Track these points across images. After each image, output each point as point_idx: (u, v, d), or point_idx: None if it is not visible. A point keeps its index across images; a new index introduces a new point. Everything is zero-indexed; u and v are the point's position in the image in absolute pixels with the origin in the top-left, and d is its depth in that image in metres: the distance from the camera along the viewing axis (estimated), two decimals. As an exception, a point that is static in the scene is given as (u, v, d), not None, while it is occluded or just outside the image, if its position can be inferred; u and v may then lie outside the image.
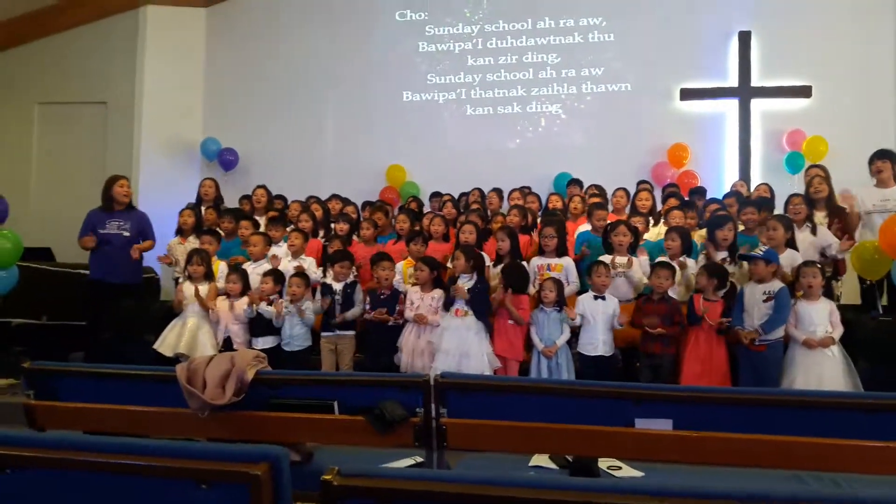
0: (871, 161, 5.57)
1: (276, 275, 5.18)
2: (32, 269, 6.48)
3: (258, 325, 5.09)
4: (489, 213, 6.86)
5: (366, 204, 7.51)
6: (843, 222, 5.42)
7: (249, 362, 2.67)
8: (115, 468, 1.49)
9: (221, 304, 5.17)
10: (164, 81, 8.90)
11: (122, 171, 7.14)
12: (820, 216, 5.45)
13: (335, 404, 2.61)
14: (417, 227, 6.16)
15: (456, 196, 7.62)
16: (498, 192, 7.42)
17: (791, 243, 4.96)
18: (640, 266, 5.13)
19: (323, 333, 5.13)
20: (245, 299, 5.12)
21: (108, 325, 5.80)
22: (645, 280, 5.00)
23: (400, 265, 5.51)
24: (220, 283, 5.33)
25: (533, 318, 4.81)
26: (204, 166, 9.07)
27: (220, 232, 6.13)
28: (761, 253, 4.52)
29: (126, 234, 5.84)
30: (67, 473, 1.51)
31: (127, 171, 8.43)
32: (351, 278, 5.26)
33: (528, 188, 7.51)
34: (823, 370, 4.35)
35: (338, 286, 5.16)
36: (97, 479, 1.52)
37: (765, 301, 4.46)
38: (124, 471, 1.49)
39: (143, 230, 5.99)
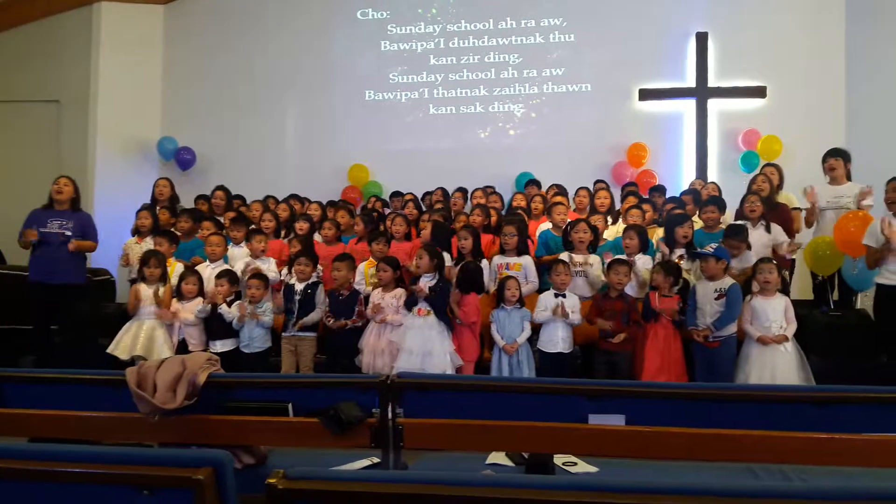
0: (824, 159, 5.72)
1: (230, 276, 5.11)
2: (-19, 271, 6.29)
3: (215, 328, 5.01)
4: (452, 212, 6.86)
5: (329, 204, 7.46)
6: (781, 220, 5.54)
7: (202, 365, 2.62)
8: (54, 476, 1.45)
9: (173, 306, 5.08)
10: (119, 79, 8.71)
11: (76, 171, 6.98)
12: None
13: (290, 406, 2.58)
14: (382, 228, 6.14)
15: (420, 195, 7.62)
16: (462, 191, 7.44)
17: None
18: (599, 264, 5.19)
19: (283, 334, 5.07)
20: (197, 301, 5.03)
21: (60, 329, 5.64)
22: (602, 278, 5.06)
23: (361, 266, 5.48)
24: (175, 284, 5.24)
25: (493, 317, 4.84)
26: (161, 166, 8.91)
27: (177, 232, 6.02)
28: (711, 251, 4.60)
29: (68, 233, 5.63)
30: (3, 483, 1.46)
31: (82, 170, 8.26)
32: (314, 278, 5.21)
33: (492, 188, 7.54)
34: (777, 365, 4.45)
35: (299, 286, 5.10)
36: (35, 488, 1.47)
37: (716, 298, 4.56)
38: (63, 479, 1.45)
39: (86, 231, 5.78)
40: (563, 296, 4.81)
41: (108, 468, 1.44)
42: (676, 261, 4.96)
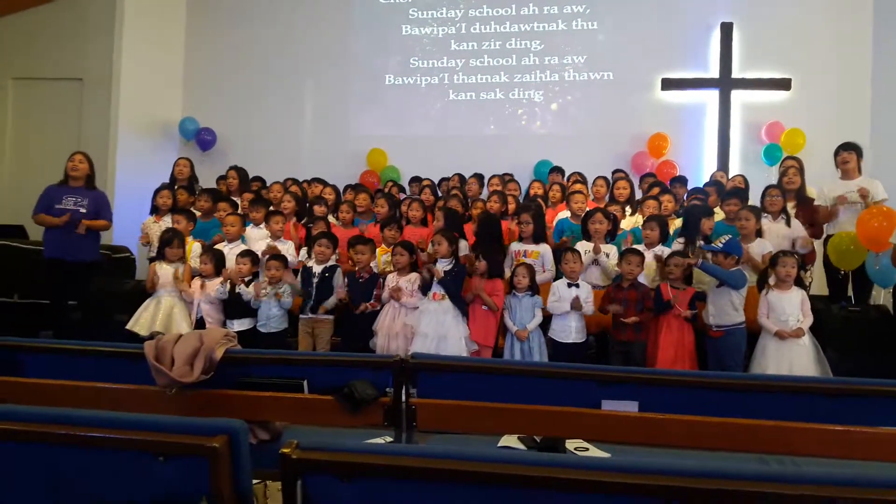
0: (837, 153, 5.65)
1: (252, 256, 5.14)
2: (4, 246, 6.38)
3: (233, 307, 5.05)
4: (469, 198, 6.85)
5: (347, 187, 7.48)
6: (811, 214, 5.49)
7: (219, 340, 2.65)
8: (71, 440, 1.48)
9: (194, 284, 5.13)
10: (142, 59, 8.75)
11: (97, 150, 7.05)
12: (789, 206, 5.52)
13: (304, 383, 2.60)
14: (395, 213, 6.14)
15: (436, 181, 7.61)
16: (478, 177, 7.42)
17: (759, 232, 5.04)
18: (616, 255, 5.17)
19: (301, 316, 5.10)
20: (217, 280, 5.07)
21: (77, 305, 5.71)
22: (616, 267, 5.03)
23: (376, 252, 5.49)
24: (194, 263, 5.28)
25: (506, 303, 4.83)
26: (181, 146, 8.98)
27: (196, 212, 6.07)
28: (720, 246, 4.55)
29: (83, 210, 5.68)
30: (21, 445, 1.49)
31: (103, 149, 8.33)
32: (333, 261, 5.23)
33: (510, 175, 7.52)
34: (794, 359, 4.41)
35: (317, 269, 5.13)
36: (52, 450, 1.50)
37: (718, 286, 4.54)
38: (80, 443, 1.47)
39: (99, 210, 5.82)
40: (577, 285, 4.79)
41: (124, 433, 1.46)
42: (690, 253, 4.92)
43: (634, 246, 5.09)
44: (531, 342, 4.71)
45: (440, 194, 7.07)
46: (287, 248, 5.56)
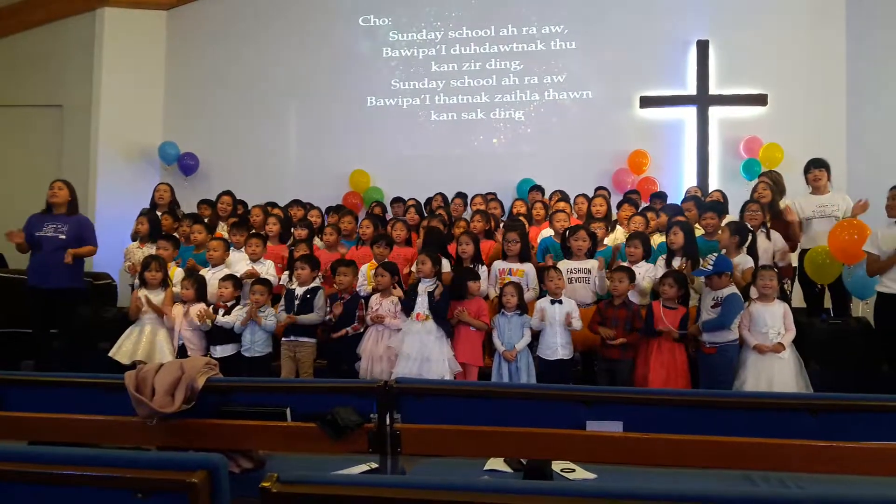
0: (807, 170, 5.76)
1: (234, 280, 5.11)
2: (-17, 275, 6.30)
3: (216, 334, 5.01)
4: (452, 218, 6.87)
5: (329, 209, 7.47)
6: (784, 228, 5.56)
7: (200, 369, 2.62)
8: (49, 479, 1.45)
9: (176, 309, 5.08)
10: (122, 85, 8.73)
11: (78, 176, 7.01)
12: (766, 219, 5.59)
13: (287, 411, 2.58)
14: (382, 232, 6.14)
15: (423, 201, 7.62)
16: (462, 196, 7.44)
17: (751, 248, 5.07)
18: (594, 268, 5.18)
19: (283, 339, 5.07)
20: (199, 307, 5.02)
21: (60, 333, 5.64)
22: (607, 282, 5.03)
23: (364, 268, 5.49)
24: (177, 289, 5.24)
25: (494, 323, 4.82)
26: (163, 171, 8.94)
27: (179, 237, 6.03)
28: (710, 268, 4.53)
29: (62, 237, 5.60)
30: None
31: (84, 175, 8.29)
32: (317, 282, 5.22)
33: (494, 194, 7.55)
34: (774, 372, 4.43)
35: (300, 290, 5.11)
36: (31, 490, 1.47)
37: (713, 307, 4.54)
38: (58, 482, 1.45)
39: (82, 235, 5.73)
40: (560, 302, 4.79)
41: (102, 471, 1.44)
42: (680, 267, 4.93)
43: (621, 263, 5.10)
44: (519, 362, 4.69)
45: (425, 214, 7.07)
46: (267, 269, 5.54)
